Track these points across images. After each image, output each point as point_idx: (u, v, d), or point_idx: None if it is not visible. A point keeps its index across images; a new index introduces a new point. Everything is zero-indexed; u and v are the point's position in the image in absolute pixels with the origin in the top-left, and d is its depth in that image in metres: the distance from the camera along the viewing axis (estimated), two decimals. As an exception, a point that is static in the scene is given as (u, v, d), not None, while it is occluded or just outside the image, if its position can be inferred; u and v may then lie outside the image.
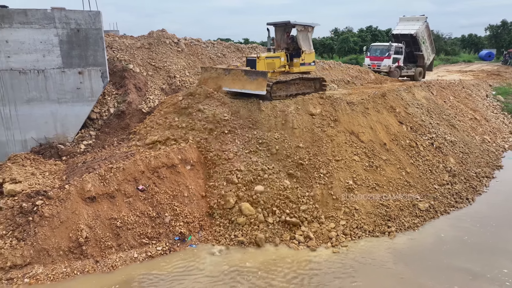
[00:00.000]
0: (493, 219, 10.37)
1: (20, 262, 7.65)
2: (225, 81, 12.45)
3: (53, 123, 12.03)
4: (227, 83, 12.34)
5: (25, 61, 11.43)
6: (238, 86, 12.04)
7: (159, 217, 9.08)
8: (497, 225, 10.08)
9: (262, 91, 11.49)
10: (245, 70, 12.26)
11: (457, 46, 55.77)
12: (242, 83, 11.92)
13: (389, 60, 23.67)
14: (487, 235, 9.58)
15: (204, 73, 13.36)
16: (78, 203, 8.58)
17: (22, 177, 9.45)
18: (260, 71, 12.11)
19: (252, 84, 11.69)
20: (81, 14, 11.76)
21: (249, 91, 11.78)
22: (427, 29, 25.27)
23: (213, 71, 13.03)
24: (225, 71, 12.63)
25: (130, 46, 15.97)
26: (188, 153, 10.36)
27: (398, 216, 10.15)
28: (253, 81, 11.66)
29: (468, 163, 13.42)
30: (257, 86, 11.55)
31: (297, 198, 9.93)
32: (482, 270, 8.11)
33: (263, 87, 11.47)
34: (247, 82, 11.80)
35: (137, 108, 13.44)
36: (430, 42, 26.06)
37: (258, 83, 11.54)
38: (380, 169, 11.22)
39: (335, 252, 8.75)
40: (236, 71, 12.41)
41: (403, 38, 24.81)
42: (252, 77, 11.74)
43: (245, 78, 11.85)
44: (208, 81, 12.96)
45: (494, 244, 9.17)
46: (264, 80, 11.49)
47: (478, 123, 17.80)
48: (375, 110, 13.25)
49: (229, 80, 12.30)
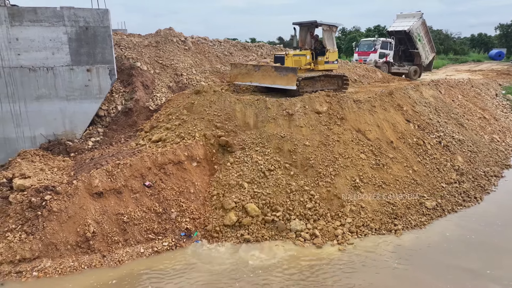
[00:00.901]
0: (500, 219, 10.24)
1: (29, 256, 7.77)
2: (255, 76, 13.07)
3: (61, 120, 12.18)
4: (257, 79, 12.97)
5: (35, 59, 11.59)
6: (268, 81, 12.68)
7: (165, 213, 9.15)
8: (503, 224, 9.95)
9: (293, 86, 12.12)
10: (275, 66, 12.83)
11: (466, 45, 55.16)
12: (272, 79, 12.53)
13: (375, 55, 22.93)
14: (492, 234, 9.46)
15: (233, 69, 13.94)
16: (85, 198, 8.68)
17: (31, 172, 9.59)
18: (290, 67, 12.68)
19: (282, 80, 12.31)
20: (90, 12, 11.89)
21: (279, 86, 12.38)
22: (423, 26, 24.34)
23: (242, 67, 13.63)
24: (255, 67, 13.23)
25: (138, 44, 16.09)
26: (194, 150, 10.42)
27: (405, 214, 10.09)
28: (283, 77, 12.29)
29: (477, 162, 13.28)
30: (288, 81, 12.18)
31: (303, 196, 9.93)
32: (485, 269, 8.00)
33: (293, 82, 12.10)
34: (277, 77, 12.41)
35: (144, 106, 13.54)
36: (428, 40, 25.04)
37: (288, 78, 12.19)
38: (387, 167, 11.16)
39: (341, 250, 8.73)
40: (266, 67, 13.03)
41: (398, 35, 24.15)
42: (282, 73, 12.33)
43: (275, 74, 12.43)
44: (238, 77, 13.66)
45: (499, 243, 9.04)
46: (294, 76, 12.07)
47: (487, 122, 17.59)
48: (382, 108, 13.17)
49: (259, 75, 12.91)
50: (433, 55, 26.69)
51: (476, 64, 40.29)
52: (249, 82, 13.45)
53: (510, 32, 53.12)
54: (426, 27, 24.90)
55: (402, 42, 25.32)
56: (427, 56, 25.46)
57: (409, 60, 25.41)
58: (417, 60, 24.93)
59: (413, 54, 24.97)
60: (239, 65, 14.05)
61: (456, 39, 56.35)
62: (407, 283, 7.62)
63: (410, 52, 25.31)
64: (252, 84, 13.36)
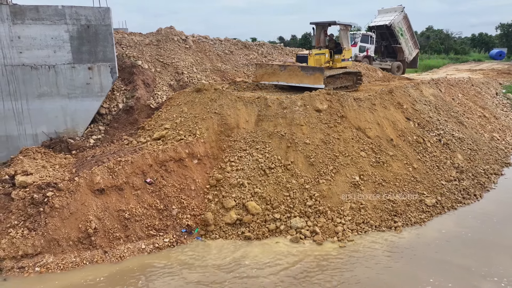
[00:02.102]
0: (497, 216, 10.27)
1: (31, 252, 7.84)
2: (281, 76, 13.59)
3: (63, 118, 12.24)
4: (283, 78, 13.51)
5: (37, 57, 11.65)
6: (295, 80, 13.23)
7: (166, 209, 9.21)
8: (500, 222, 9.98)
9: (321, 85, 12.66)
10: (302, 66, 13.39)
11: (467, 45, 55.12)
12: (299, 78, 13.09)
13: (355, 49, 22.25)
14: (489, 232, 9.49)
15: (259, 69, 14.40)
16: (87, 195, 8.74)
17: (33, 169, 9.65)
18: (317, 67, 13.36)
19: (309, 79, 12.91)
20: (91, 11, 11.95)
21: (306, 85, 12.92)
22: (405, 20, 23.81)
23: (268, 67, 14.09)
24: (281, 67, 13.71)
25: (139, 43, 16.15)
26: (195, 147, 10.47)
27: (405, 212, 10.14)
28: (310, 76, 12.89)
29: (476, 160, 13.32)
30: (315, 80, 12.80)
31: (303, 194, 9.98)
32: (477, 266, 8.01)
33: (321, 81, 12.69)
34: (304, 77, 12.98)
35: (146, 104, 13.60)
36: (411, 35, 24.50)
37: (316, 77, 12.81)
38: (387, 165, 11.20)
39: (341, 246, 8.79)
40: (293, 67, 13.52)
41: (380, 30, 23.45)
42: (309, 72, 12.93)
43: (302, 73, 12.99)
44: (263, 76, 14.14)
45: (494, 240, 9.07)
46: (321, 75, 12.67)
47: (487, 120, 17.63)
48: (382, 106, 13.22)
49: (285, 75, 13.43)
50: (416, 51, 26.16)
51: (476, 64, 40.24)
52: (275, 82, 13.89)
53: (511, 32, 53.05)
54: (408, 21, 24.25)
55: (385, 38, 24.71)
56: (411, 52, 24.90)
57: (392, 57, 24.94)
58: (400, 56, 24.40)
59: (396, 49, 24.42)
60: (264, 65, 14.45)
61: (457, 39, 56.31)
62: (401, 279, 7.66)
63: (393, 47, 24.74)
64: (279, 84, 13.88)
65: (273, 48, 19.70)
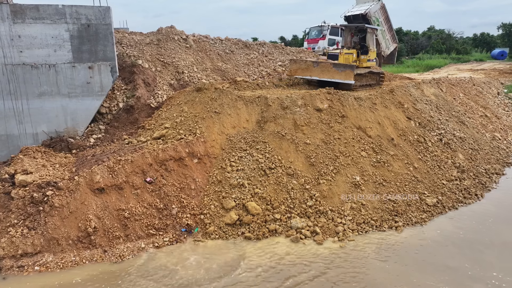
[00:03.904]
0: (495, 216, 10.18)
1: (30, 251, 7.83)
2: (314, 71, 14.57)
3: (63, 117, 12.23)
4: (316, 74, 14.50)
5: (37, 56, 11.64)
6: (327, 76, 14.18)
7: (166, 208, 9.19)
8: (498, 222, 9.90)
9: (351, 80, 13.61)
10: (334, 63, 14.46)
11: (469, 45, 54.94)
12: (331, 74, 14.01)
13: (324, 42, 21.41)
14: (484, 232, 9.41)
15: (293, 64, 15.39)
16: (87, 194, 8.73)
17: (33, 168, 9.64)
18: (348, 64, 14.37)
19: (340, 75, 13.79)
20: (92, 10, 11.94)
21: (338, 80, 13.87)
22: (382, 11, 22.84)
23: (302, 63, 15.14)
24: (314, 63, 14.72)
25: (139, 42, 16.13)
26: (195, 147, 10.45)
27: (406, 211, 10.09)
28: (341, 72, 13.78)
29: (478, 160, 13.26)
30: (346, 76, 13.68)
31: (304, 194, 9.95)
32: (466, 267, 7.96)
33: (351, 77, 13.59)
34: (335, 73, 13.90)
35: (146, 103, 13.57)
36: (388, 27, 23.49)
37: (346, 74, 13.67)
38: (388, 165, 11.16)
39: (342, 246, 8.74)
40: (325, 63, 14.57)
41: (356, 20, 22.20)
42: (340, 69, 13.87)
43: (334, 70, 13.94)
44: (297, 71, 15.19)
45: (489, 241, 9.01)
46: (352, 72, 13.57)
47: (489, 120, 17.56)
48: (383, 106, 13.18)
49: (318, 71, 14.40)
50: (394, 46, 25.20)
51: (478, 64, 40.11)
52: (308, 76, 14.95)
53: (513, 32, 52.89)
54: (386, 12, 23.28)
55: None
56: (388, 45, 24.01)
57: None
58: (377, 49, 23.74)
59: None
60: (298, 61, 15.50)
61: (459, 39, 56.15)
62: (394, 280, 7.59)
63: None
64: (312, 78, 14.92)
65: (274, 48, 19.66)
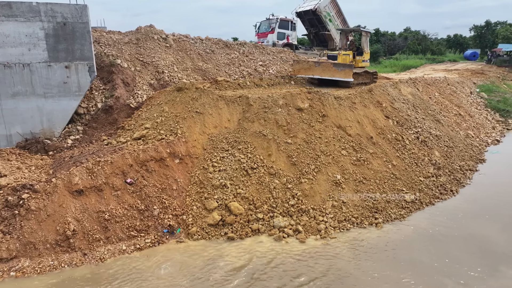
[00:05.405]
0: (467, 211, 10.54)
1: (6, 256, 7.56)
2: (315, 71, 15.84)
3: (39, 118, 11.87)
4: (317, 73, 15.80)
5: (10, 55, 11.25)
6: (328, 75, 15.54)
7: (147, 210, 9.07)
8: (468, 217, 10.26)
9: (350, 78, 15.08)
10: (334, 63, 16.05)
11: (443, 46, 56.57)
12: (332, 73, 15.42)
13: (273, 36, 20.63)
14: (453, 227, 9.70)
15: (296, 64, 16.68)
16: (65, 196, 8.50)
17: (7, 171, 9.32)
18: (347, 64, 16.21)
19: (340, 74, 15.19)
20: (68, 8, 11.63)
21: (338, 78, 15.30)
22: (333, 5, 22.44)
23: (305, 63, 16.44)
24: (316, 63, 16.08)
25: (118, 41, 15.83)
26: (176, 147, 10.35)
27: (385, 208, 10.33)
28: (341, 71, 15.21)
29: (453, 157, 13.71)
30: (345, 75, 15.13)
31: (286, 194, 10.02)
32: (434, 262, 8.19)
33: (350, 75, 15.08)
34: (336, 72, 15.32)
35: (125, 103, 13.34)
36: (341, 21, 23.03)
37: (346, 72, 15.15)
38: (367, 163, 11.38)
39: (324, 244, 8.86)
40: (326, 63, 16.08)
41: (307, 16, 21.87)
42: (340, 68, 15.33)
43: (334, 69, 15.36)
44: (300, 70, 16.42)
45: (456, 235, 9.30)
46: (351, 71, 15.10)
47: (463, 118, 18.18)
48: (362, 105, 13.43)
49: (320, 70, 15.70)
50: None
51: (452, 64, 41.41)
52: (310, 75, 16.14)
53: (484, 33, 54.81)
54: (337, 6, 22.81)
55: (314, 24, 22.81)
56: None
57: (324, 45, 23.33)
58: (331, 44, 22.88)
59: (326, 37, 22.75)
60: (301, 61, 16.83)
61: (433, 40, 57.73)
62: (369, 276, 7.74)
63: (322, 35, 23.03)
64: (314, 77, 16.12)
65: (254, 48, 19.69)
